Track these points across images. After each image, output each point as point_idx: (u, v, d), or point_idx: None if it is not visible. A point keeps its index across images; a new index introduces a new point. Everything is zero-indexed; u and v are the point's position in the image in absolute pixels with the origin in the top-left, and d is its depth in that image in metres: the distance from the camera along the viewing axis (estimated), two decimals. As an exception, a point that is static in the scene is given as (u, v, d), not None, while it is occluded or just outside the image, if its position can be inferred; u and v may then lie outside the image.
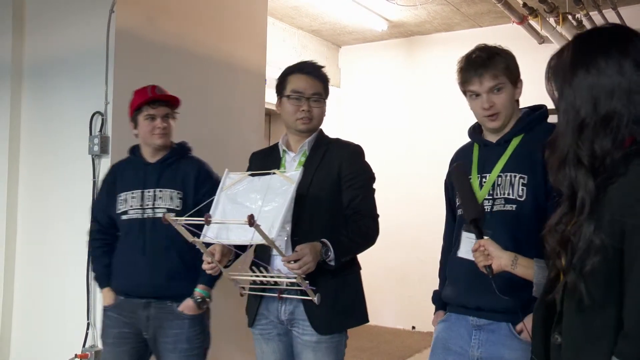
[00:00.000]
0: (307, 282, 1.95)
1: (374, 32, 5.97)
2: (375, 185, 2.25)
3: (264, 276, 2.01)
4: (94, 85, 3.09)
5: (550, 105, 1.89)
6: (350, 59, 6.51)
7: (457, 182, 1.79)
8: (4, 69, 3.42)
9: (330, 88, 2.31)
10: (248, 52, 3.86)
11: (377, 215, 2.19)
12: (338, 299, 2.09)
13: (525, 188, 1.84)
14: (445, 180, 2.13)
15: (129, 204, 2.47)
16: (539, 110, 1.97)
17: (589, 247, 1.09)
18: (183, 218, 1.87)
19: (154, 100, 2.47)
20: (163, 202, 2.46)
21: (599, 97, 1.13)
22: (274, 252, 2.04)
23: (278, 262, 2.05)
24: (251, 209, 1.96)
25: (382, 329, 5.74)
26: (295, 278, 1.93)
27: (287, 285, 2.03)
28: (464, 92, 1.97)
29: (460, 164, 1.82)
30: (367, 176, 2.20)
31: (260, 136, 3.97)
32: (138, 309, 2.43)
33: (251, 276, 2.03)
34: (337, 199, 2.13)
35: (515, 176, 1.86)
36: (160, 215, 2.40)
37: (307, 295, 1.99)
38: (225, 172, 2.11)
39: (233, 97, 3.77)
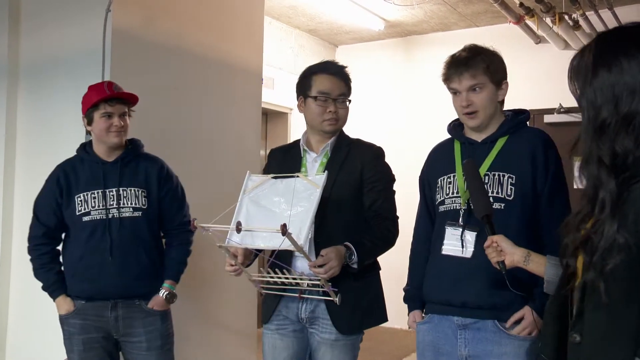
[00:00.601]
0: (330, 283, 1.95)
1: (370, 31, 5.97)
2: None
3: (286, 278, 2.00)
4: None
5: (534, 107, 1.90)
6: (347, 58, 6.49)
7: (469, 178, 1.79)
8: (0, 69, 3.41)
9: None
10: (245, 51, 3.85)
11: (397, 217, 2.21)
12: (360, 299, 2.11)
13: (513, 187, 1.88)
14: (421, 177, 2.16)
15: (90, 204, 2.40)
16: (523, 114, 2.01)
17: (612, 246, 1.07)
18: (212, 225, 1.86)
19: (111, 98, 2.42)
20: (128, 201, 2.43)
21: (620, 97, 1.12)
22: (296, 253, 2.04)
23: (300, 263, 2.06)
24: (275, 212, 1.97)
25: (379, 328, 5.71)
26: (318, 280, 1.94)
27: (308, 286, 2.03)
28: (449, 89, 2.01)
29: (470, 160, 1.83)
30: (389, 179, 2.22)
31: (257, 135, 3.97)
32: (104, 310, 2.40)
33: (272, 277, 2.02)
34: (359, 200, 2.14)
35: (504, 175, 1.89)
36: (127, 214, 2.41)
37: (328, 296, 2.00)
38: (247, 174, 2.09)
39: (230, 97, 3.76)
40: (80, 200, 2.42)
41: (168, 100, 3.33)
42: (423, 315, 2.06)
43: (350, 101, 2.23)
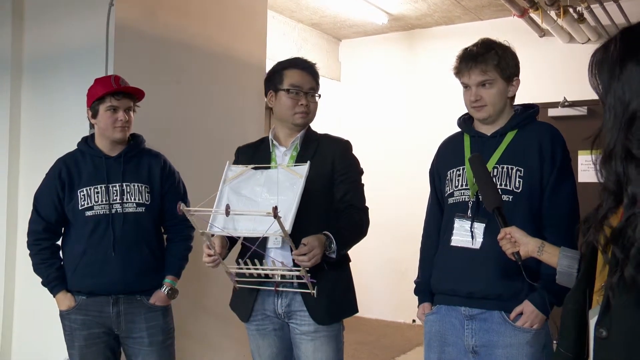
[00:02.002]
0: (309, 274, 1.97)
1: (374, 25, 5.95)
2: (374, 180, 2.29)
3: (264, 269, 2.01)
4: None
5: (538, 100, 1.89)
6: (350, 52, 6.49)
7: (476, 172, 1.82)
8: (3, 64, 3.41)
9: (331, 82, 2.32)
10: (248, 45, 3.85)
11: (367, 208, 2.24)
12: (335, 289, 2.12)
13: (521, 180, 1.90)
14: (430, 170, 2.18)
15: (93, 199, 2.40)
16: (533, 109, 2.03)
17: None
18: (197, 208, 1.87)
19: (118, 92, 2.41)
20: (132, 196, 2.43)
21: None
22: (270, 244, 2.08)
23: (274, 254, 2.08)
24: (257, 201, 1.98)
25: (382, 322, 5.75)
26: (298, 270, 1.94)
27: (282, 277, 2.04)
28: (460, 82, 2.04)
29: (477, 154, 1.86)
30: (358, 171, 2.27)
31: (260, 130, 3.97)
32: (105, 306, 2.40)
33: (249, 269, 2.02)
34: (330, 192, 2.18)
35: (512, 168, 1.92)
36: (130, 210, 2.41)
37: (304, 287, 2.01)
38: (227, 164, 2.12)
39: (233, 91, 3.76)
40: (83, 195, 2.41)
41: (171, 94, 3.33)
42: (432, 307, 2.07)
43: (320, 96, 2.26)
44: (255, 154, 2.27)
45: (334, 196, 2.18)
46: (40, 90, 3.37)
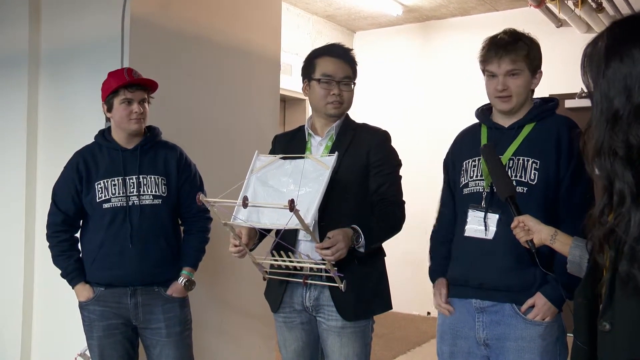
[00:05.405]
0: (336, 268, 1.92)
1: (389, 17, 5.92)
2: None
3: (291, 261, 1.97)
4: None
5: (555, 91, 1.87)
6: (365, 44, 6.46)
7: (488, 162, 1.82)
8: (21, 58, 3.44)
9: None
10: (263, 38, 3.85)
11: (404, 202, 2.18)
12: (364, 285, 2.08)
13: (537, 172, 1.89)
14: (446, 160, 2.17)
15: (110, 191, 2.42)
16: (552, 102, 2.02)
17: None
18: (217, 199, 1.83)
19: (131, 84, 2.42)
20: (149, 188, 2.44)
21: (633, 88, 1.11)
22: (300, 236, 2.04)
23: (303, 247, 2.04)
24: (282, 192, 1.94)
25: (397, 314, 5.75)
26: (324, 264, 1.90)
27: (311, 270, 2.00)
28: (483, 71, 2.01)
29: (488, 144, 1.86)
30: (395, 163, 2.19)
31: (274, 122, 3.97)
32: (123, 297, 2.42)
33: (277, 261, 1.99)
34: (364, 184, 2.11)
35: (528, 160, 1.91)
36: (147, 202, 2.42)
37: (333, 282, 1.96)
38: (255, 154, 2.08)
39: (248, 83, 3.76)
40: (101, 187, 2.43)
41: (186, 87, 3.34)
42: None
43: (355, 84, 2.20)
44: (291, 143, 2.22)
45: (369, 188, 2.11)
46: (57, 84, 3.40)
